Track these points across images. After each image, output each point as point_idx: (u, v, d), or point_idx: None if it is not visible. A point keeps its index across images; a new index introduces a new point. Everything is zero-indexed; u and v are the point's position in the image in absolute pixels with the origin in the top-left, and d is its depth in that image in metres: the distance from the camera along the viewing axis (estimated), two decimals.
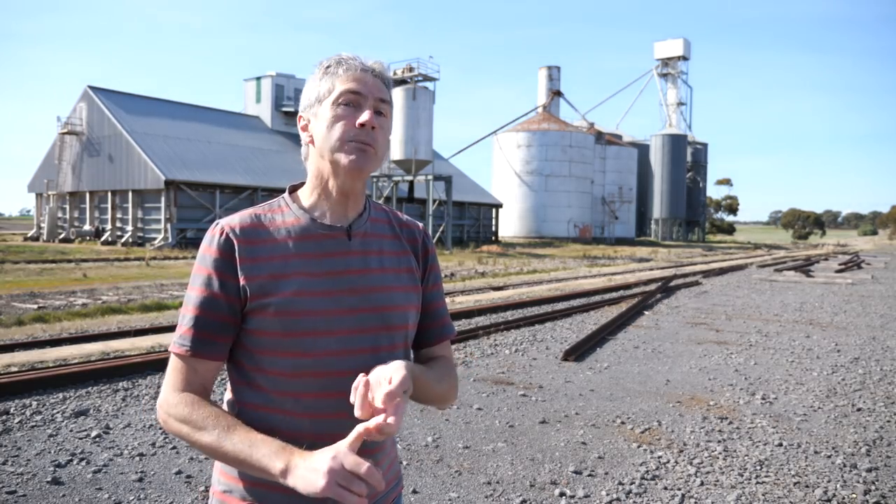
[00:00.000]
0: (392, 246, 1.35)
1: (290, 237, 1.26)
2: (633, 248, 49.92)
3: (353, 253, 1.29)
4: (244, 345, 1.25)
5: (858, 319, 11.84)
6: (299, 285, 1.22)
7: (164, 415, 1.22)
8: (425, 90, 37.89)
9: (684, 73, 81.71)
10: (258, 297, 1.21)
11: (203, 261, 1.24)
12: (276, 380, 1.23)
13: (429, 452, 4.51)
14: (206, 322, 1.22)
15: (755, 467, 4.36)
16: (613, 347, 8.62)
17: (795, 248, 66.13)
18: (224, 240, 1.23)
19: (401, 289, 1.32)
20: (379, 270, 1.31)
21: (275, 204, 1.32)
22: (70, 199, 39.94)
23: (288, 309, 1.21)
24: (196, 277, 1.24)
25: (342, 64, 1.26)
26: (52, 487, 3.77)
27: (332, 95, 1.24)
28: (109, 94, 39.07)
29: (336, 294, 1.25)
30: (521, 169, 56.15)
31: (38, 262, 22.48)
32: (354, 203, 1.31)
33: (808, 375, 7.18)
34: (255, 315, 1.22)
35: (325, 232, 1.28)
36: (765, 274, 22.73)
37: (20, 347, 7.66)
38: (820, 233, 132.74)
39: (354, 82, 1.24)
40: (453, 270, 22.21)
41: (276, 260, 1.24)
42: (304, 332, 1.22)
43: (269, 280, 1.22)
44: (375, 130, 1.24)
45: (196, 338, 1.22)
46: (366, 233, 1.32)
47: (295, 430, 1.22)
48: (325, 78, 1.26)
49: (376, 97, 1.25)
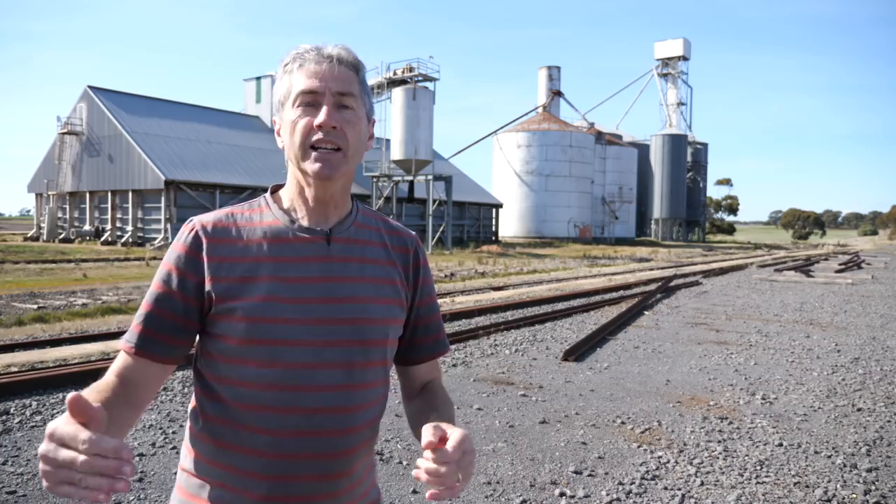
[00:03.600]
0: (377, 254, 1.25)
1: (264, 239, 1.18)
2: (633, 248, 49.92)
3: (331, 259, 1.20)
4: (209, 352, 1.17)
5: (858, 319, 11.84)
6: (269, 290, 1.14)
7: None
8: (425, 90, 37.87)
9: (684, 73, 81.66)
10: (224, 300, 1.13)
11: (168, 257, 1.17)
12: (239, 391, 1.14)
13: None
14: (158, 320, 1.14)
15: (755, 467, 4.35)
16: (613, 347, 8.62)
17: (795, 248, 66.12)
18: (193, 237, 1.16)
19: (380, 301, 1.22)
20: (358, 279, 1.21)
21: (255, 203, 1.24)
22: (70, 199, 39.95)
23: (255, 314, 1.13)
24: (158, 273, 1.17)
25: (297, 59, 1.17)
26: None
27: (290, 97, 1.17)
28: (109, 94, 39.09)
29: (308, 302, 1.15)
30: (522, 169, 56.15)
31: (38, 262, 22.48)
32: (336, 207, 1.23)
33: (809, 375, 7.18)
34: (220, 319, 1.14)
35: (303, 235, 1.19)
36: (765, 274, 22.73)
37: (20, 347, 7.66)
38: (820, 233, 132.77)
39: (310, 79, 1.15)
40: (453, 270, 22.20)
41: (246, 262, 1.16)
42: (271, 340, 1.13)
43: (237, 283, 1.14)
44: (338, 129, 1.14)
45: (143, 335, 1.14)
46: (349, 238, 1.23)
47: (251, 447, 1.14)
48: (284, 77, 1.19)
49: (335, 91, 1.15)
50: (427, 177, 36.98)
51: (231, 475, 1.15)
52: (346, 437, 1.17)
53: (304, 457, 1.14)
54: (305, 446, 1.14)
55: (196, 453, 1.20)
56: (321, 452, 1.15)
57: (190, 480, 1.19)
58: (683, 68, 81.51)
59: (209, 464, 1.18)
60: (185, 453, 1.23)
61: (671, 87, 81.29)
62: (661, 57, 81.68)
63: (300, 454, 1.14)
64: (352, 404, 1.17)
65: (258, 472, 1.14)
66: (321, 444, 1.15)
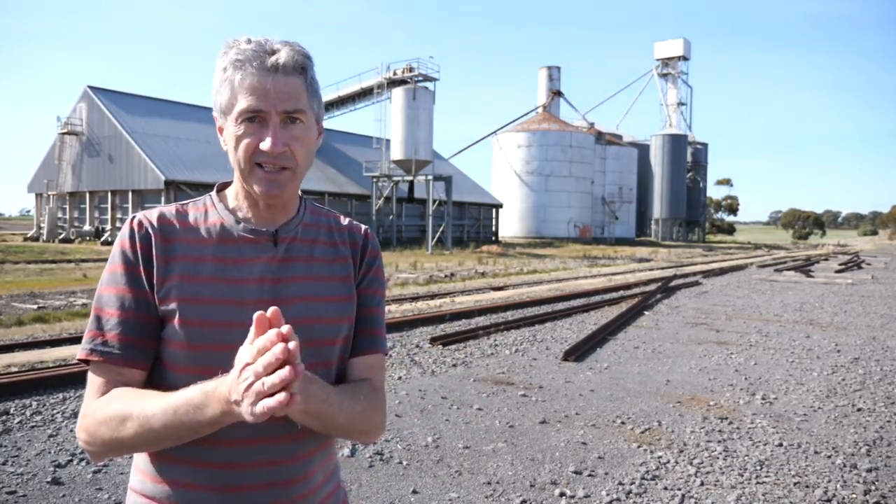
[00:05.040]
0: (325, 253, 1.21)
1: (208, 238, 1.14)
2: (633, 248, 49.92)
3: (277, 260, 1.15)
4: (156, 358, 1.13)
5: (858, 319, 11.84)
6: (211, 292, 1.09)
7: (83, 433, 1.05)
8: (425, 90, 37.88)
9: (684, 73, 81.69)
10: (166, 301, 1.08)
11: (123, 257, 1.10)
12: None
13: (429, 452, 4.51)
14: (133, 324, 1.08)
15: (755, 467, 4.35)
16: (613, 347, 8.62)
17: (795, 248, 66.13)
18: (144, 234, 1.11)
19: (330, 299, 1.18)
20: (305, 279, 1.17)
21: (199, 201, 1.20)
22: (70, 199, 39.96)
23: (195, 317, 1.08)
24: (115, 276, 1.10)
25: (238, 69, 1.08)
26: (52, 487, 3.77)
27: (233, 112, 1.09)
28: (109, 94, 39.10)
29: (251, 304, 1.08)
30: (522, 169, 56.15)
31: (38, 262, 22.48)
32: (284, 209, 1.19)
33: (808, 375, 7.18)
34: (166, 321, 1.09)
35: (248, 235, 1.15)
36: (765, 274, 22.73)
37: (20, 347, 7.66)
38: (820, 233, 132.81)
39: (253, 96, 1.07)
40: (453, 270, 22.21)
41: (188, 261, 1.11)
42: (212, 345, 1.07)
43: (178, 283, 1.09)
44: (287, 150, 1.09)
45: (122, 343, 1.08)
46: (294, 237, 1.19)
47: (200, 459, 1.09)
48: (224, 84, 1.10)
49: (281, 110, 1.08)
50: (427, 177, 36.98)
51: (181, 491, 1.10)
52: (299, 442, 1.13)
53: (255, 465, 1.10)
54: (256, 454, 1.10)
55: (143, 472, 1.14)
56: (273, 459, 1.11)
57: (139, 500, 1.13)
58: (683, 68, 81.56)
59: (158, 482, 1.11)
60: (134, 472, 1.17)
61: (671, 87, 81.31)
62: (661, 57, 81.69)
63: (251, 462, 1.10)
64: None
65: (208, 484, 1.09)
66: (273, 451, 1.11)
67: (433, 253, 33.62)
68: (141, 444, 1.03)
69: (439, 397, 5.90)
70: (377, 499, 3.77)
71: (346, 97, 44.73)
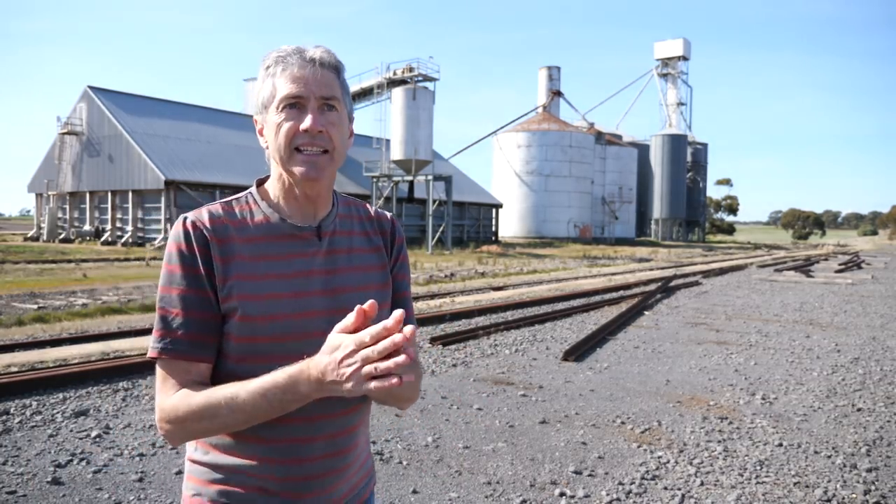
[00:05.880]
0: (362, 243, 1.32)
1: (258, 236, 1.21)
2: (633, 248, 49.92)
3: (322, 253, 1.25)
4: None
5: (858, 319, 11.84)
6: (269, 287, 1.18)
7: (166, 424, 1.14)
8: (425, 90, 37.88)
9: (684, 73, 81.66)
10: (228, 300, 1.16)
11: (181, 258, 1.16)
12: None
13: (429, 452, 4.51)
14: (198, 322, 1.16)
15: (755, 467, 4.36)
16: (613, 347, 8.62)
17: (795, 248, 66.12)
18: (200, 235, 1.17)
19: (373, 287, 1.29)
20: (349, 269, 1.27)
21: (242, 199, 1.26)
22: (70, 199, 39.95)
23: (257, 312, 1.16)
24: (174, 276, 1.16)
25: (280, 63, 1.19)
26: (52, 487, 3.77)
27: (274, 101, 1.19)
28: (109, 94, 39.09)
29: (307, 296, 1.20)
30: (521, 169, 56.15)
31: (38, 262, 22.47)
32: (323, 202, 1.27)
33: (808, 375, 7.18)
34: (225, 318, 1.17)
35: (294, 232, 1.23)
36: (765, 274, 22.74)
37: (20, 347, 7.66)
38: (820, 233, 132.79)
39: (294, 84, 1.17)
40: (453, 270, 22.20)
41: (245, 260, 1.18)
42: (275, 336, 1.17)
43: (238, 281, 1.16)
44: (324, 132, 1.18)
45: (190, 341, 1.15)
46: (334, 231, 1.28)
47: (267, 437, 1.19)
48: (266, 80, 1.21)
49: (319, 96, 1.18)
50: (427, 177, 36.98)
51: (247, 463, 1.20)
52: (350, 415, 1.26)
53: (316, 439, 1.21)
54: (318, 429, 1.21)
55: (207, 444, 1.23)
56: (331, 432, 1.23)
57: (203, 469, 1.23)
58: (683, 68, 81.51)
59: (224, 454, 1.21)
60: (194, 445, 1.25)
61: (671, 87, 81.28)
62: (660, 57, 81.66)
63: (313, 437, 1.21)
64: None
65: (275, 457, 1.20)
66: (331, 425, 1.23)
67: (433, 253, 33.63)
68: (226, 428, 1.13)
69: (439, 397, 5.91)
70: (377, 499, 3.77)
71: None
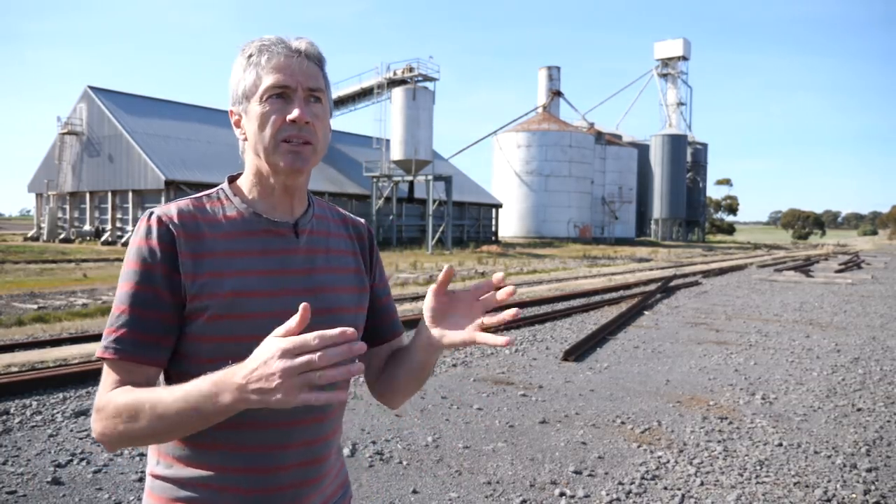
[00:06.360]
0: (339, 244, 1.27)
1: (232, 232, 1.15)
2: (633, 248, 49.92)
3: (300, 251, 1.19)
4: (181, 352, 1.13)
5: (858, 319, 11.84)
6: (243, 285, 1.11)
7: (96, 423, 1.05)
8: (425, 90, 37.89)
9: (684, 73, 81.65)
10: (198, 298, 1.09)
11: (139, 253, 1.09)
12: None
13: (429, 452, 4.51)
14: (149, 322, 1.08)
15: (755, 467, 4.36)
16: (613, 347, 8.62)
17: (795, 248, 66.11)
18: (165, 231, 1.10)
19: (349, 290, 1.24)
20: (327, 270, 1.22)
21: (213, 195, 1.20)
22: (70, 199, 39.96)
23: (231, 311, 1.10)
24: (132, 273, 1.09)
25: (264, 52, 1.14)
26: (52, 487, 3.77)
27: (258, 91, 1.13)
28: (109, 94, 39.09)
29: (283, 295, 1.14)
30: (521, 169, 56.15)
31: (38, 262, 22.48)
32: (300, 198, 1.22)
33: (808, 375, 7.18)
34: (195, 318, 1.10)
35: (271, 228, 1.18)
36: (765, 274, 22.74)
37: (20, 347, 7.66)
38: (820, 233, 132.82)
39: (280, 73, 1.12)
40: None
41: (217, 257, 1.12)
42: (248, 336, 1.06)
43: (210, 279, 1.10)
44: (310, 124, 1.14)
45: (137, 340, 1.08)
46: (312, 230, 1.23)
47: (235, 444, 1.12)
48: (248, 69, 1.15)
49: (306, 87, 1.14)
50: (427, 177, 36.99)
51: (213, 475, 1.12)
52: (325, 422, 1.20)
53: (289, 446, 1.15)
54: (291, 436, 1.15)
55: (170, 457, 1.15)
56: (305, 440, 1.16)
57: (165, 486, 1.15)
58: (683, 68, 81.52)
59: (190, 466, 1.13)
60: (155, 458, 1.17)
61: (671, 87, 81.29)
62: (660, 57, 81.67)
63: (286, 444, 1.14)
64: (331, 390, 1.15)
65: (245, 466, 1.12)
66: (305, 433, 1.16)
67: (433, 253, 33.62)
68: (153, 435, 1.03)
69: (439, 397, 5.91)
70: (377, 498, 3.77)
71: (346, 97, 44.73)
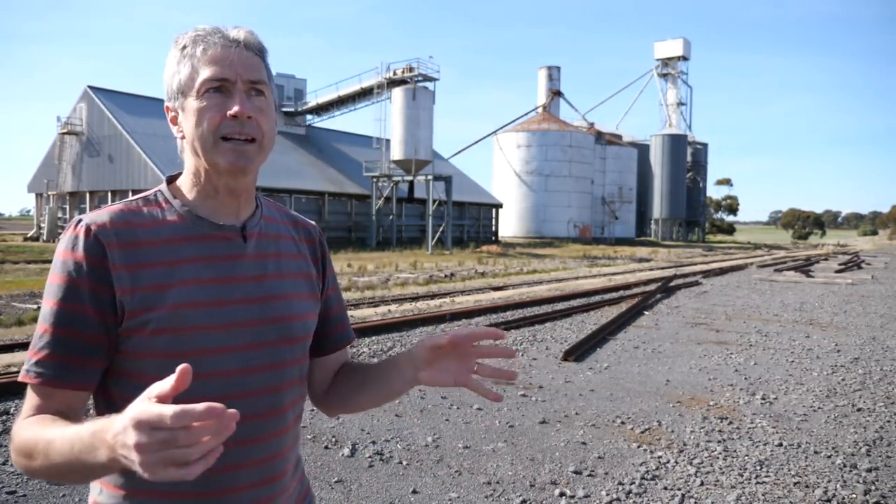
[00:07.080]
0: (289, 248, 1.18)
1: (173, 239, 1.05)
2: (633, 248, 49.92)
3: (248, 256, 1.10)
4: (119, 371, 1.03)
5: (858, 319, 11.84)
6: (188, 295, 1.02)
7: (12, 455, 0.97)
8: (425, 90, 37.89)
9: (684, 73, 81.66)
10: (139, 313, 1.00)
11: (64, 268, 0.99)
12: None
13: (429, 452, 4.51)
14: (73, 343, 0.98)
15: (755, 467, 4.36)
16: (613, 347, 8.62)
17: (795, 248, 66.12)
18: (92, 242, 1.00)
19: (301, 297, 1.16)
20: (277, 276, 1.13)
21: (151, 198, 1.10)
22: (70, 199, 39.95)
23: (175, 324, 1.01)
24: (55, 288, 0.99)
25: (199, 42, 1.05)
26: (52, 487, 3.78)
27: (194, 85, 1.04)
28: (109, 94, 39.09)
29: (231, 304, 1.06)
30: (521, 169, 56.16)
31: (38, 262, 22.48)
32: (247, 199, 1.13)
33: (808, 375, 7.18)
34: (134, 334, 1.01)
35: (216, 233, 1.08)
36: (765, 274, 22.73)
37: (20, 347, 7.66)
38: (820, 233, 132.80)
39: (217, 66, 1.03)
40: (453, 270, 22.20)
41: (159, 266, 1.02)
42: (194, 350, 1.01)
43: (151, 291, 1.01)
44: (253, 118, 1.05)
45: (59, 363, 0.98)
46: (260, 233, 1.14)
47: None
48: (183, 62, 1.06)
49: (246, 79, 1.05)
50: (427, 177, 36.99)
51: (167, 501, 1.03)
52: (281, 437, 1.13)
53: (246, 465, 1.07)
54: (248, 454, 1.07)
55: (111, 484, 1.05)
56: (262, 457, 1.09)
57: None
58: (683, 68, 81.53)
59: (135, 494, 1.03)
60: (98, 486, 1.07)
61: (671, 87, 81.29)
62: (660, 57, 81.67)
63: (243, 463, 1.06)
64: (283, 404, 1.12)
65: (192, 492, 1.03)
66: (262, 450, 1.09)
67: (433, 253, 33.63)
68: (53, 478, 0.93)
69: (439, 397, 5.90)
70: (377, 499, 3.77)
71: (346, 97, 44.69)
